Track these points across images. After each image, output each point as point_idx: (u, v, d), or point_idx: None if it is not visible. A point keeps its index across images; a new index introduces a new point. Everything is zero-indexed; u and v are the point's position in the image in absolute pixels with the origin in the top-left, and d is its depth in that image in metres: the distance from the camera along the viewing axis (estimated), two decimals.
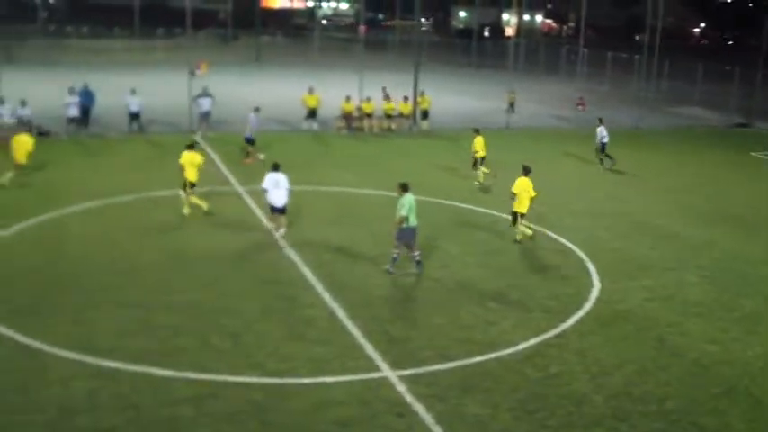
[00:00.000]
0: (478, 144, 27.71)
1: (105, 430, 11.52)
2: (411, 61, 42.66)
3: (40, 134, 33.24)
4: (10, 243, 19.62)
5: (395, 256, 18.26)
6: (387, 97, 39.43)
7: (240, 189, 25.51)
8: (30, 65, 58.73)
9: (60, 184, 25.44)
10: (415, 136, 38.39)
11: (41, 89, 40.89)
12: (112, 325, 15.00)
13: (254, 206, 23.45)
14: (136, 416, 11.91)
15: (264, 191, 20.67)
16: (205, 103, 35.57)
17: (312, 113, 37.74)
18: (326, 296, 16.74)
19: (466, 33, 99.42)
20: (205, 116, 35.66)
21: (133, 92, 35.34)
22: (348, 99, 38.27)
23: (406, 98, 39.84)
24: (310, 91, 37.85)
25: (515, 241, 21.14)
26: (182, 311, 15.74)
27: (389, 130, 38.77)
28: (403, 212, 17.83)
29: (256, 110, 30.80)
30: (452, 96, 51.39)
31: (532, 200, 21.00)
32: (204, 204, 22.32)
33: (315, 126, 37.75)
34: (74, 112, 34.08)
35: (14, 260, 18.39)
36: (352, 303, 16.43)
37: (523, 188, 20.77)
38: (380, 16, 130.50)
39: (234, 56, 74.32)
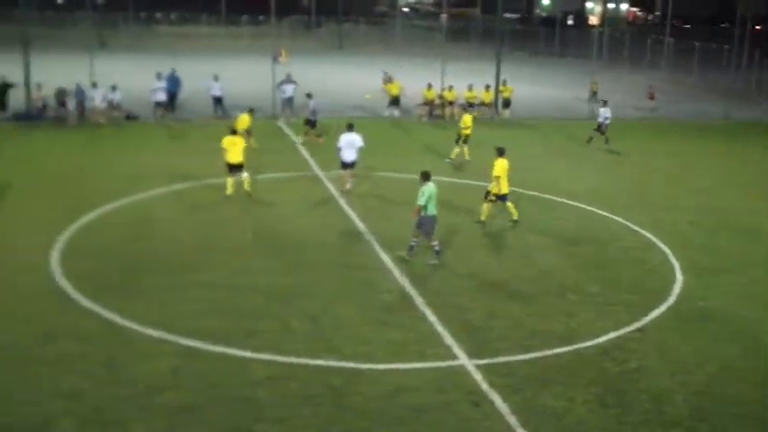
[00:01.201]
0: (468, 120, 28.71)
1: (187, 407, 11.80)
2: (493, 49, 42.40)
3: (129, 118, 34.17)
4: (100, 223, 20.22)
5: (413, 243, 18.17)
6: (389, 80, 40.74)
7: (321, 174, 25.76)
8: (121, 50, 60.27)
9: (147, 166, 26.06)
10: (497, 125, 38.17)
11: (131, 74, 41.89)
12: (195, 305, 15.34)
13: (334, 191, 23.67)
14: (216, 394, 12.17)
15: (339, 149, 23.11)
16: (288, 89, 36.01)
17: (395, 101, 37.92)
18: (405, 282, 16.82)
19: (549, 22, 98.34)
20: (288, 102, 36.11)
21: (216, 78, 35.97)
22: (430, 87, 38.26)
23: (487, 87, 39.64)
24: (389, 79, 38.05)
25: (478, 221, 21.06)
26: (262, 293, 16.01)
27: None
28: (421, 201, 17.67)
29: (309, 95, 31.44)
30: (534, 85, 50.91)
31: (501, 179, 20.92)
32: (230, 189, 22.66)
33: (396, 113, 37.89)
34: (161, 96, 34.88)
35: (103, 240, 18.95)
36: (431, 290, 16.47)
37: (503, 169, 20.81)
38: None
39: (317, 43, 74.99)
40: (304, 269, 17.56)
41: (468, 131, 28.57)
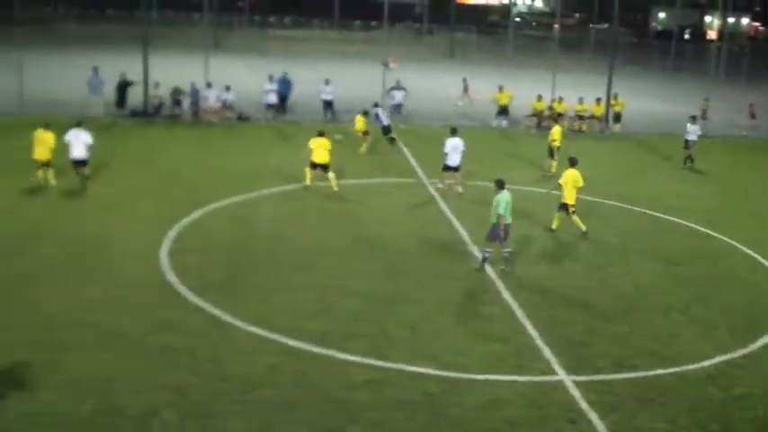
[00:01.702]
0: (557, 133, 28.21)
1: (285, 405, 12.00)
2: (606, 62, 41.74)
3: (241, 119, 34.95)
4: (208, 220, 20.76)
5: (505, 255, 18.05)
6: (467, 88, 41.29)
7: (426, 181, 25.82)
8: (235, 52, 61.66)
9: (257, 166, 26.62)
10: (606, 138, 37.55)
11: (244, 76, 42.84)
12: (297, 305, 15.60)
13: (439, 199, 23.71)
14: (313, 394, 12.33)
15: (445, 154, 23.88)
16: (397, 96, 36.26)
17: (503, 110, 37.73)
18: (506, 294, 16.71)
19: (665, 35, 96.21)
20: (397, 108, 36.34)
21: (327, 82, 36.46)
22: (539, 98, 37.90)
23: (598, 100, 39.02)
24: (500, 89, 37.83)
25: (549, 229, 21.03)
26: (363, 297, 16.15)
27: (580, 131, 38.09)
28: (500, 211, 17.61)
29: (376, 105, 32.00)
30: (646, 100, 49.82)
31: (578, 190, 20.88)
32: (309, 181, 23.87)
33: (504, 123, 37.68)
34: (272, 98, 35.60)
35: (210, 236, 19.45)
36: (531, 303, 16.33)
37: (570, 179, 20.58)
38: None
39: (428, 50, 75.16)
40: (405, 275, 17.63)
41: (556, 143, 28.25)
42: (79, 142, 22.89)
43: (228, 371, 12.89)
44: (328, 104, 36.51)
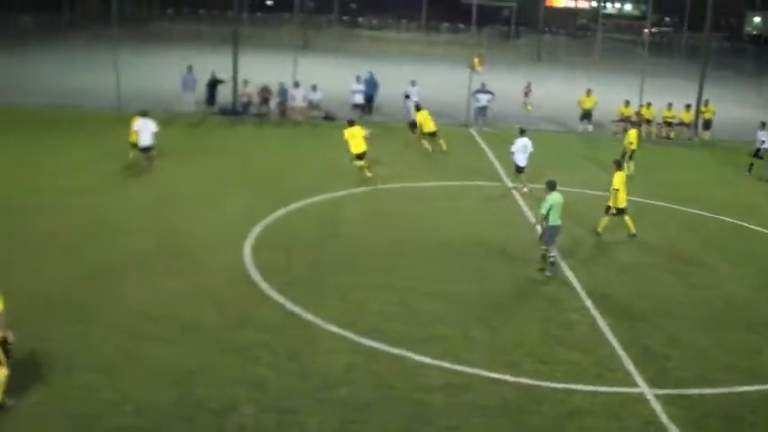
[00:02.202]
0: (633, 136, 27.99)
1: (361, 404, 12.06)
2: (697, 67, 40.81)
3: (327, 118, 35.26)
4: (292, 218, 21.00)
5: (551, 259, 17.96)
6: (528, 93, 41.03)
7: (510, 185, 25.65)
8: (323, 52, 62.23)
9: (342, 166, 26.81)
10: (695, 146, 36.72)
11: (332, 75, 43.20)
12: (376, 306, 15.65)
13: (522, 203, 23.53)
14: (390, 395, 12.37)
15: (512, 153, 24.60)
16: (482, 99, 36.12)
17: (587, 115, 37.21)
18: (588, 302, 16.47)
19: (759, 40, 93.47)
20: (482, 111, 36.20)
21: (413, 83, 36.49)
22: (627, 103, 37.23)
23: (688, 106, 38.16)
24: (588, 93, 37.30)
25: (597, 233, 20.85)
26: (444, 300, 16.12)
27: (668, 138, 37.32)
28: (543, 210, 17.66)
29: (407, 96, 34.01)
30: (739, 107, 48.53)
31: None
32: (369, 172, 24.97)
33: (590, 128, 37.18)
34: (359, 98, 35.80)
35: (294, 234, 19.67)
36: (614, 312, 16.07)
37: (621, 182, 20.53)
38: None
39: (515, 54, 74.65)
40: (486, 279, 17.54)
41: (633, 147, 27.94)
42: (147, 131, 24.61)
43: (307, 368, 13.02)
44: (415, 106, 36.52)
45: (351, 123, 25.51)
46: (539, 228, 18.40)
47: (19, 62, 50.04)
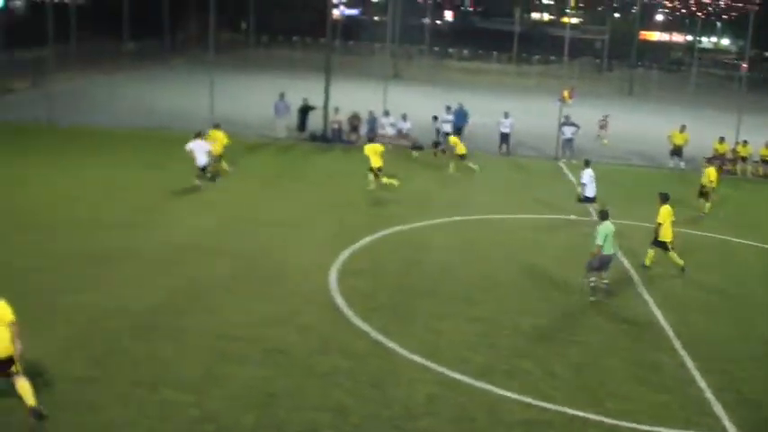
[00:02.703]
0: (712, 174, 27.24)
1: None
2: None
3: (416, 147, 35.36)
4: (379, 245, 21.09)
5: (592, 284, 18.12)
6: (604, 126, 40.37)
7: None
8: (413, 81, 62.60)
9: (428, 195, 26.89)
10: None
11: (421, 105, 43.38)
12: (460, 337, 15.55)
13: None
14: (471, 428, 12.25)
15: (583, 185, 24.61)
16: (567, 131, 35.83)
17: (678, 151, 36.38)
18: (677, 343, 16.05)
19: None
20: (568, 143, 35.88)
21: (506, 114, 36.36)
22: (722, 140, 36.34)
23: None
24: (682, 129, 36.53)
25: (644, 266, 20.59)
26: (528, 334, 15.94)
27: (766, 177, 36.27)
28: (599, 241, 17.70)
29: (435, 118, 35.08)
30: None
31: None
32: (395, 181, 26.55)
33: (681, 164, 36.37)
34: (448, 128, 35.81)
35: (381, 262, 19.73)
36: (703, 353, 15.59)
37: (667, 216, 20.16)
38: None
39: (607, 86, 73.76)
40: (572, 314, 17.29)
41: (713, 185, 27.21)
42: (201, 151, 25.62)
43: (389, 397, 12.99)
44: (505, 137, 36.41)
45: (371, 140, 27.67)
46: (596, 258, 18.06)
47: (119, 85, 51.73)
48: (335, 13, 63.19)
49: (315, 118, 36.56)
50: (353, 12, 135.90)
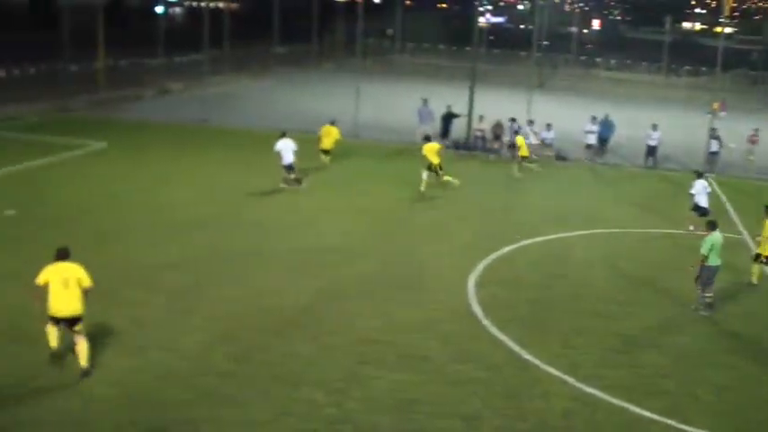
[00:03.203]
0: None
1: None
2: None
3: (559, 158, 34.97)
4: (517, 256, 20.99)
5: (707, 299, 17.69)
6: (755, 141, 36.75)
7: (748, 238, 24.35)
8: (558, 91, 61.86)
9: (571, 207, 26.53)
10: None
11: (565, 115, 42.81)
12: (599, 352, 15.30)
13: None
14: None
15: (692, 195, 24.20)
16: (713, 145, 34.68)
17: None
18: None
19: None
20: (712, 157, 34.71)
21: (654, 127, 35.44)
22: None
23: None
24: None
25: (750, 283, 19.98)
26: (670, 353, 15.52)
27: None
28: (703, 251, 17.39)
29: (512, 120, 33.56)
30: None
31: None
32: (456, 181, 26.87)
33: None
34: (592, 139, 35.23)
35: (518, 273, 19.65)
36: None
37: None
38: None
39: (763, 100, 70.75)
40: (718, 334, 16.77)
41: None
42: (288, 150, 25.95)
43: (524, 409, 12.92)
44: (652, 150, 35.47)
45: (428, 139, 27.81)
46: (696, 268, 17.68)
47: (268, 88, 53.34)
48: (481, 20, 63.12)
49: (458, 125, 36.63)
50: (499, 19, 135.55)
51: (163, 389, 12.67)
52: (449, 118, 36.46)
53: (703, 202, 24.21)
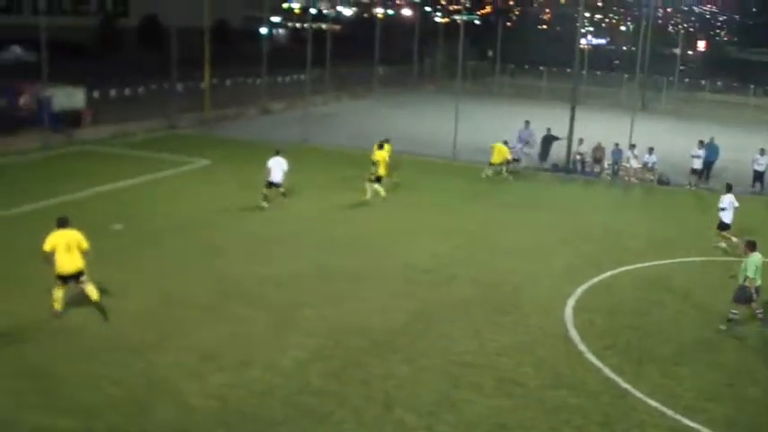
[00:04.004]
0: None
1: None
2: None
3: (661, 182, 34.25)
4: (617, 282, 20.61)
5: (733, 317, 17.59)
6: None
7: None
8: (661, 114, 60.71)
9: (673, 232, 25.94)
10: None
11: (669, 138, 42.00)
12: (700, 384, 14.87)
13: None
14: None
15: (722, 209, 24.25)
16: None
17: None
18: None
19: None
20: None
21: (762, 151, 34.41)
22: None
23: None
24: None
25: None
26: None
27: None
28: (750, 273, 17.25)
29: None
30: None
31: None
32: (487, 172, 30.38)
33: None
34: (697, 164, 34.40)
35: (618, 299, 19.24)
36: None
37: None
38: None
39: None
40: None
41: None
42: (278, 168, 25.74)
43: None
44: (759, 175, 34.40)
45: (505, 143, 31.91)
46: (753, 291, 17.43)
47: (369, 108, 53.92)
48: (583, 42, 62.43)
49: (558, 148, 36.28)
50: (601, 41, 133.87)
51: (260, 405, 12.89)
52: (548, 140, 36.17)
53: (727, 218, 24.23)
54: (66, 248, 15.32)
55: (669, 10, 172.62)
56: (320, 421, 12.48)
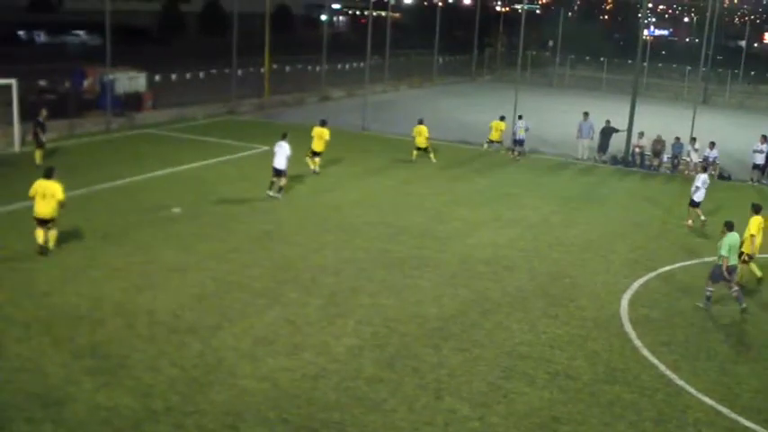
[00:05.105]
0: None
1: None
2: None
3: (722, 177, 33.68)
4: (674, 277, 20.34)
5: (708, 294, 18.12)
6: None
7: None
8: (724, 108, 59.64)
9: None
10: None
11: (731, 133, 41.27)
12: (759, 384, 14.64)
13: None
14: None
15: (696, 188, 24.99)
16: None
17: None
18: None
19: None
20: None
21: None
22: None
23: None
24: None
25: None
26: None
27: None
28: (723, 252, 17.71)
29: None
30: None
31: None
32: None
33: None
34: (759, 159, 33.76)
35: (677, 295, 18.98)
36: None
37: (757, 228, 19.73)
38: None
39: None
40: None
41: None
42: (282, 154, 25.03)
43: None
44: None
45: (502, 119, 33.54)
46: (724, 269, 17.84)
47: (427, 97, 53.82)
48: (645, 32, 61.43)
49: (617, 140, 35.86)
50: (664, 32, 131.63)
51: (312, 389, 13.03)
52: (608, 133, 35.77)
53: (699, 197, 25.13)
54: (42, 196, 18.06)
55: (736, 1, 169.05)
56: (371, 408, 12.56)
